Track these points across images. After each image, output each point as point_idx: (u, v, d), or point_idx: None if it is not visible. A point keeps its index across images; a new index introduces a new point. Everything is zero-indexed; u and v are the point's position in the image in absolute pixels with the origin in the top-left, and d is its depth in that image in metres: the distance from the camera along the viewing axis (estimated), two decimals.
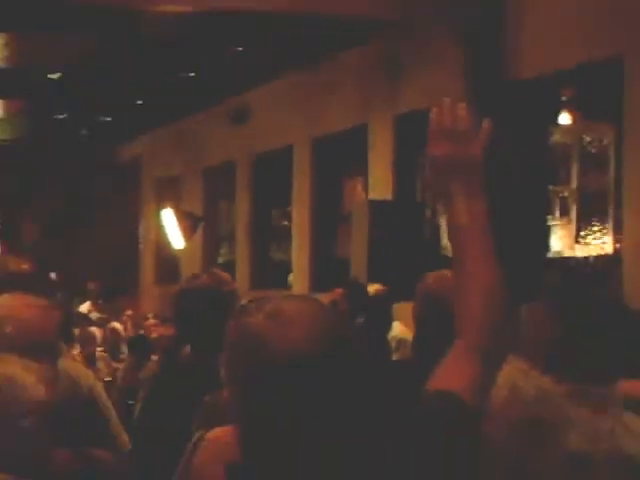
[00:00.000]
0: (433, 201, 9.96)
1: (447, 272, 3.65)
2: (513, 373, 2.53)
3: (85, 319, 11.38)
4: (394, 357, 7.14)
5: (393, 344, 7.42)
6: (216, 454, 2.25)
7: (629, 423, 2.64)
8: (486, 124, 1.99)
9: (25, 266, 4.42)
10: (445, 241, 9.43)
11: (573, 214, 8.90)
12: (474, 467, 1.93)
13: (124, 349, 10.12)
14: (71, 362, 4.30)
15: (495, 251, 1.99)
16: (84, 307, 13.34)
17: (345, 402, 1.78)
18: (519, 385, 2.55)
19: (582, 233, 8.88)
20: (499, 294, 2.02)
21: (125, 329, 11.55)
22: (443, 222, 9.71)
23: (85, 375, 4.10)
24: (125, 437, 3.95)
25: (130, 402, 6.64)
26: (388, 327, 7.57)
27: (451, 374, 1.95)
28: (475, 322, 2.01)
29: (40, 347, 2.99)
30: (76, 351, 8.47)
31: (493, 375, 2.05)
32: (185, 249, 13.55)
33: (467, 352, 1.98)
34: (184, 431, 2.70)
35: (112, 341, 10.59)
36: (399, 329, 7.53)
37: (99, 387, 4.14)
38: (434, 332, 3.62)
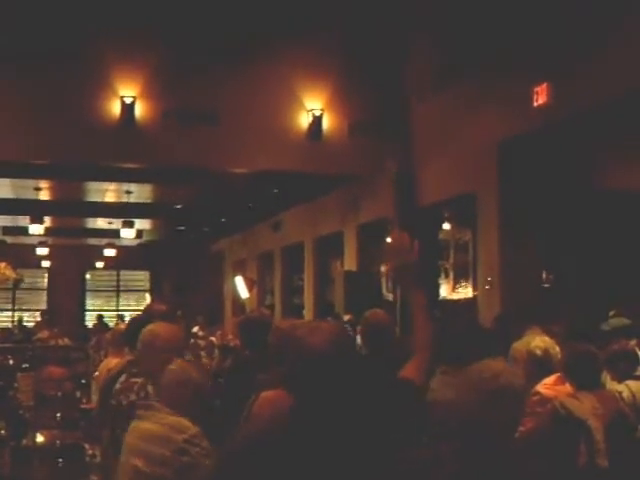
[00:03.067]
0: (379, 273, 12.28)
1: (379, 310, 5.39)
2: None
3: (195, 336, 13.47)
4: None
5: (357, 348, 6.77)
6: (264, 405, 3.49)
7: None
8: (416, 243, 2.96)
9: (164, 307, 5.57)
10: (384, 291, 12.07)
11: (451, 276, 11.27)
12: (423, 414, 2.91)
13: (216, 352, 11.97)
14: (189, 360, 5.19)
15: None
16: (195, 329, 14.61)
17: (349, 378, 2.49)
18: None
19: (457, 286, 11.13)
20: (431, 335, 3.03)
21: (217, 341, 13.21)
22: (382, 282, 12.23)
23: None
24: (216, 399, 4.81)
25: (219, 380, 6.62)
26: (355, 339, 7.40)
27: (411, 371, 2.93)
28: (423, 348, 3.02)
29: (174, 349, 4.06)
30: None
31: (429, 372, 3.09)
32: (248, 298, 16.97)
33: (419, 362, 2.99)
34: (248, 394, 3.82)
35: (210, 347, 12.63)
36: (359, 340, 7.09)
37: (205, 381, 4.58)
38: (371, 342, 5.19)
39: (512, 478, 2.83)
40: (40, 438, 6.28)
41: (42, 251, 23.01)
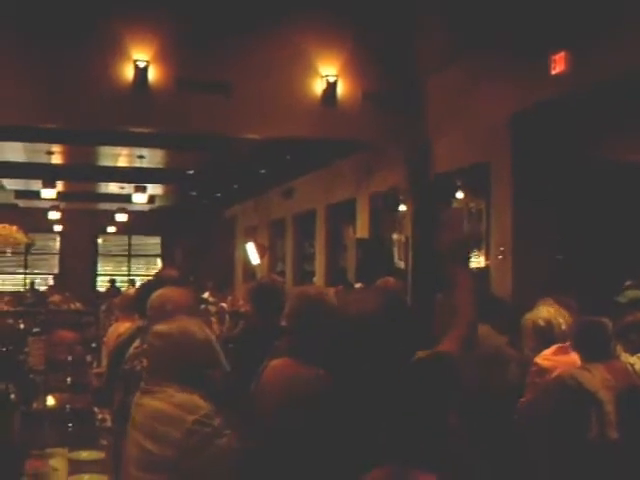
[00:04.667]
0: (391, 241, 12.37)
1: (391, 278, 5.78)
2: None
3: (206, 301, 13.84)
4: None
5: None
6: (274, 372, 3.51)
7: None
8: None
9: (175, 273, 5.61)
10: (396, 259, 12.06)
11: None
12: (459, 380, 2.81)
13: (227, 317, 12.87)
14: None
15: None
16: (206, 295, 15.45)
17: (400, 344, 2.55)
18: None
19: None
20: (475, 314, 2.96)
21: (227, 306, 13.99)
22: (395, 249, 12.23)
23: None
24: (226, 364, 4.34)
25: (230, 345, 6.62)
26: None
27: (449, 343, 2.93)
28: (464, 325, 2.97)
29: (184, 312, 3.94)
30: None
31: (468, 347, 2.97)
32: (259, 264, 18.02)
33: (457, 335, 2.97)
34: (258, 360, 3.82)
35: (220, 313, 13.04)
36: None
37: (213, 338, 4.60)
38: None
39: (509, 449, 2.79)
40: (50, 402, 6.32)
41: (54, 215, 23.14)
